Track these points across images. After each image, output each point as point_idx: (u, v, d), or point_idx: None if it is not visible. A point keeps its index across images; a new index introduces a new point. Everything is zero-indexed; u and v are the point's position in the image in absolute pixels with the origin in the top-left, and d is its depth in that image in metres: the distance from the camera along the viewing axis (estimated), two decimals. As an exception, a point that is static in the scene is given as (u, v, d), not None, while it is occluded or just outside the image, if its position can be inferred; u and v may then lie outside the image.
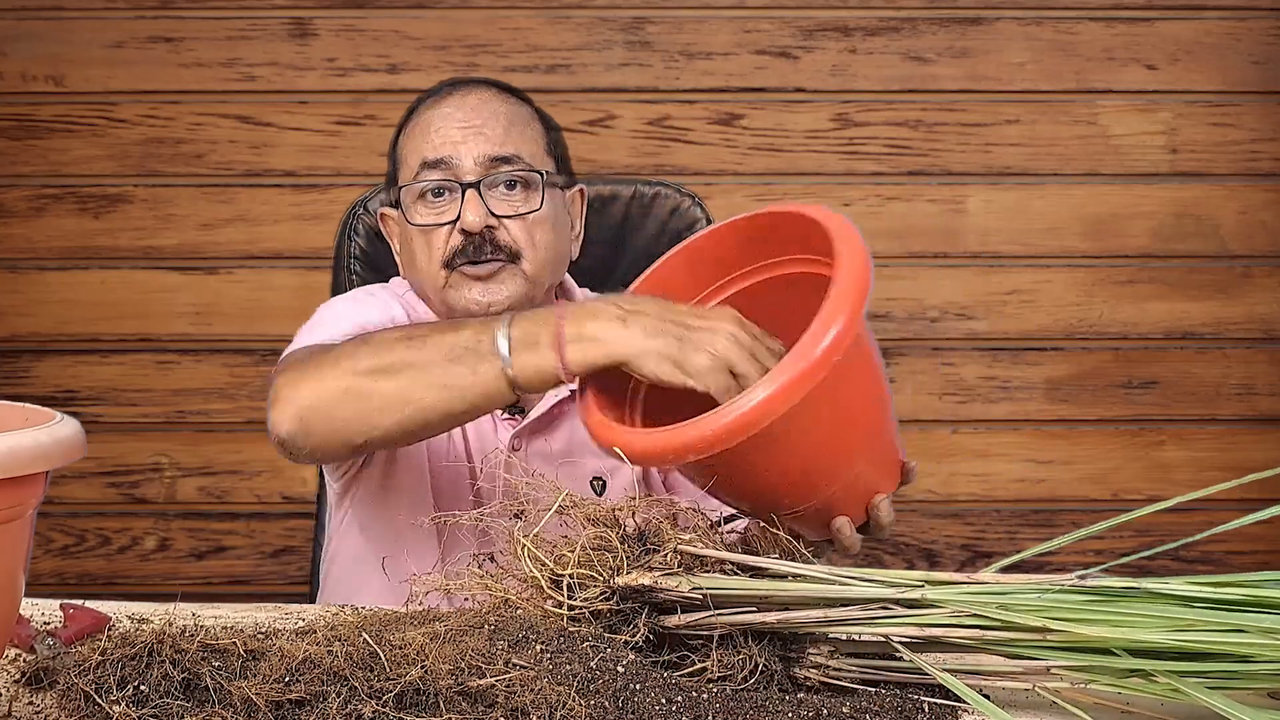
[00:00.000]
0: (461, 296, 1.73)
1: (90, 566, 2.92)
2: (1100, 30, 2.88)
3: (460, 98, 1.78)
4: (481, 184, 1.72)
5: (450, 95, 1.79)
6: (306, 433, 1.49)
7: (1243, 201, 2.90)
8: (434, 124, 1.76)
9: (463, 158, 1.73)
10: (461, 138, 1.74)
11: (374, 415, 1.46)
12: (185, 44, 2.88)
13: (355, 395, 1.46)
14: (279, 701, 1.05)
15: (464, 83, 1.82)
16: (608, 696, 1.09)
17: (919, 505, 2.93)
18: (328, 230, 2.83)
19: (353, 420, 1.47)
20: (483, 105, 1.77)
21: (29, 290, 2.90)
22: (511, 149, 1.74)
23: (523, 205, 1.74)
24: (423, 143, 1.75)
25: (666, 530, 1.24)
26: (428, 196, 1.75)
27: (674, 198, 2.11)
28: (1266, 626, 1.14)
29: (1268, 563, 2.87)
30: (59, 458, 1.07)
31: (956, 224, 2.90)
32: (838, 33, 2.89)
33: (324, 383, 1.48)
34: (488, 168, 1.73)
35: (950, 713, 1.17)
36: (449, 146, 1.73)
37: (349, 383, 1.46)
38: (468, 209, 1.71)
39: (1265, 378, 2.92)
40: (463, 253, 1.72)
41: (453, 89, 1.80)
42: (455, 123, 1.75)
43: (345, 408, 1.47)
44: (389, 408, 1.45)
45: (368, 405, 1.46)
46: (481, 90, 1.79)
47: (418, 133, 1.77)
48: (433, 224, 1.73)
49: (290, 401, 1.49)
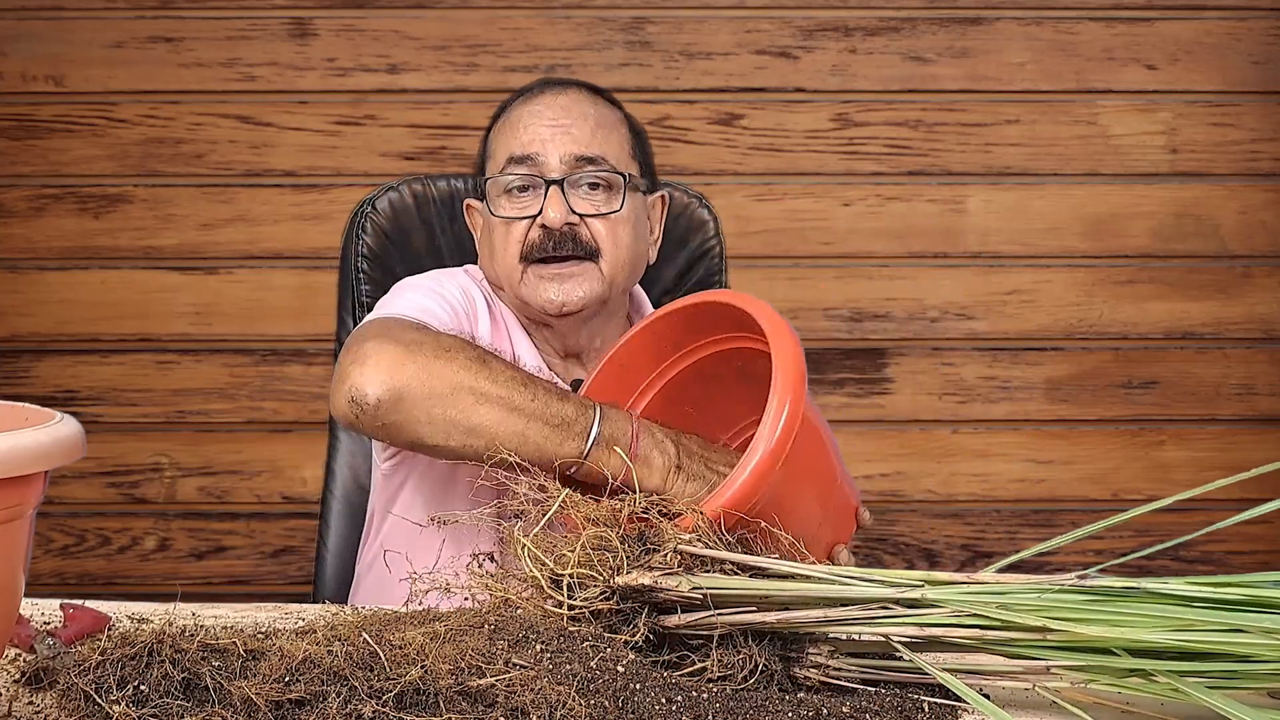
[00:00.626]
0: (536, 294, 1.76)
1: (90, 566, 2.92)
2: (1100, 30, 2.88)
3: (552, 97, 1.80)
4: (565, 181, 1.75)
5: (543, 94, 1.81)
6: (394, 407, 1.51)
7: (1243, 201, 2.90)
8: (524, 121, 1.78)
9: (549, 155, 1.76)
10: (549, 135, 1.76)
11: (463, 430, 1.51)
12: (185, 44, 2.88)
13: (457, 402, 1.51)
14: (279, 701, 1.05)
15: (557, 82, 1.85)
16: (608, 696, 1.09)
17: (919, 505, 2.93)
18: (328, 230, 2.84)
19: (439, 422, 1.51)
20: (573, 105, 1.79)
21: (29, 290, 2.90)
22: (597, 150, 1.77)
23: (604, 205, 1.77)
24: (511, 138, 1.78)
25: (666, 530, 1.25)
26: (513, 191, 1.77)
27: (681, 199, 2.10)
28: (1266, 626, 1.14)
29: (1267, 562, 2.88)
30: (59, 458, 1.07)
31: (956, 224, 2.90)
32: (838, 33, 2.89)
33: (433, 375, 1.52)
34: (573, 166, 1.76)
35: (950, 712, 1.17)
36: (537, 144, 1.76)
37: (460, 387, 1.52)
38: (550, 205, 1.73)
39: (1265, 378, 2.92)
40: (541, 247, 1.74)
41: (546, 87, 1.83)
42: (545, 120, 1.77)
43: (446, 407, 1.51)
44: (478, 430, 1.51)
45: (465, 418, 1.51)
46: (573, 91, 1.82)
47: (508, 128, 1.80)
48: (515, 216, 1.76)
49: (389, 370, 1.51)
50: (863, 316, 2.91)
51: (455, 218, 2.09)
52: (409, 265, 2.03)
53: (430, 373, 1.52)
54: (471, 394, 1.51)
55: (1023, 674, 1.19)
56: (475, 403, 1.51)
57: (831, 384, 2.90)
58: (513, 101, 1.85)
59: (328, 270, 2.12)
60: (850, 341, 2.91)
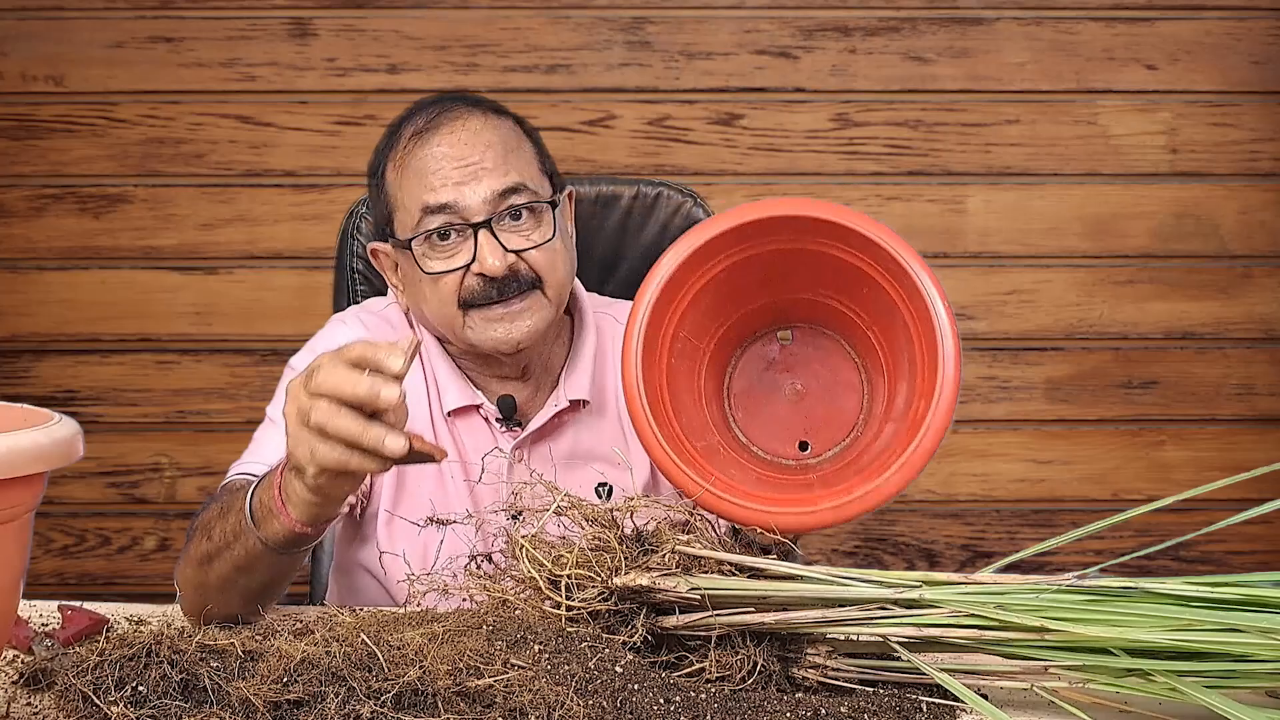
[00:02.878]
0: (486, 336, 1.69)
1: (90, 566, 2.93)
2: (1100, 30, 2.88)
3: (448, 132, 1.69)
4: (492, 222, 1.66)
5: (437, 129, 1.69)
6: (206, 619, 1.43)
7: (1243, 201, 2.90)
8: (429, 166, 1.68)
9: (468, 199, 1.66)
10: (461, 178, 1.66)
11: (220, 598, 1.47)
12: (185, 44, 2.88)
13: (191, 600, 1.49)
14: (277, 702, 1.05)
15: (446, 110, 1.71)
16: (606, 697, 1.09)
17: (919, 505, 2.93)
18: (328, 230, 2.83)
19: (216, 605, 1.47)
20: (474, 137, 1.69)
21: (29, 290, 2.90)
22: (515, 178, 1.68)
23: (535, 234, 1.69)
24: (420, 188, 1.67)
25: (664, 531, 1.25)
26: (434, 238, 1.68)
27: (676, 198, 2.10)
28: (1264, 626, 1.14)
29: (1266, 562, 2.88)
30: (57, 458, 1.07)
31: (956, 224, 2.90)
32: (838, 33, 2.88)
33: (185, 581, 1.51)
34: (495, 204, 1.67)
35: (948, 712, 1.17)
36: (450, 190, 1.66)
37: (194, 578, 1.48)
38: (486, 252, 1.65)
39: (1265, 378, 2.92)
40: (484, 294, 1.67)
41: (436, 119, 1.70)
42: (452, 162, 1.67)
43: (204, 599, 1.47)
44: (226, 588, 1.46)
45: (202, 600, 1.47)
46: (467, 117, 1.70)
47: (412, 177, 1.69)
48: (447, 270, 1.67)
49: (182, 599, 1.52)
50: (863, 316, 2.91)
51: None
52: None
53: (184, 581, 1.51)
54: (189, 583, 1.49)
55: (1021, 674, 1.19)
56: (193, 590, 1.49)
57: (831, 384, 2.90)
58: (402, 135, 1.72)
59: (328, 270, 2.12)
60: (850, 341, 2.91)
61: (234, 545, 1.43)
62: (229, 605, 1.47)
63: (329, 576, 1.94)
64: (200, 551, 1.48)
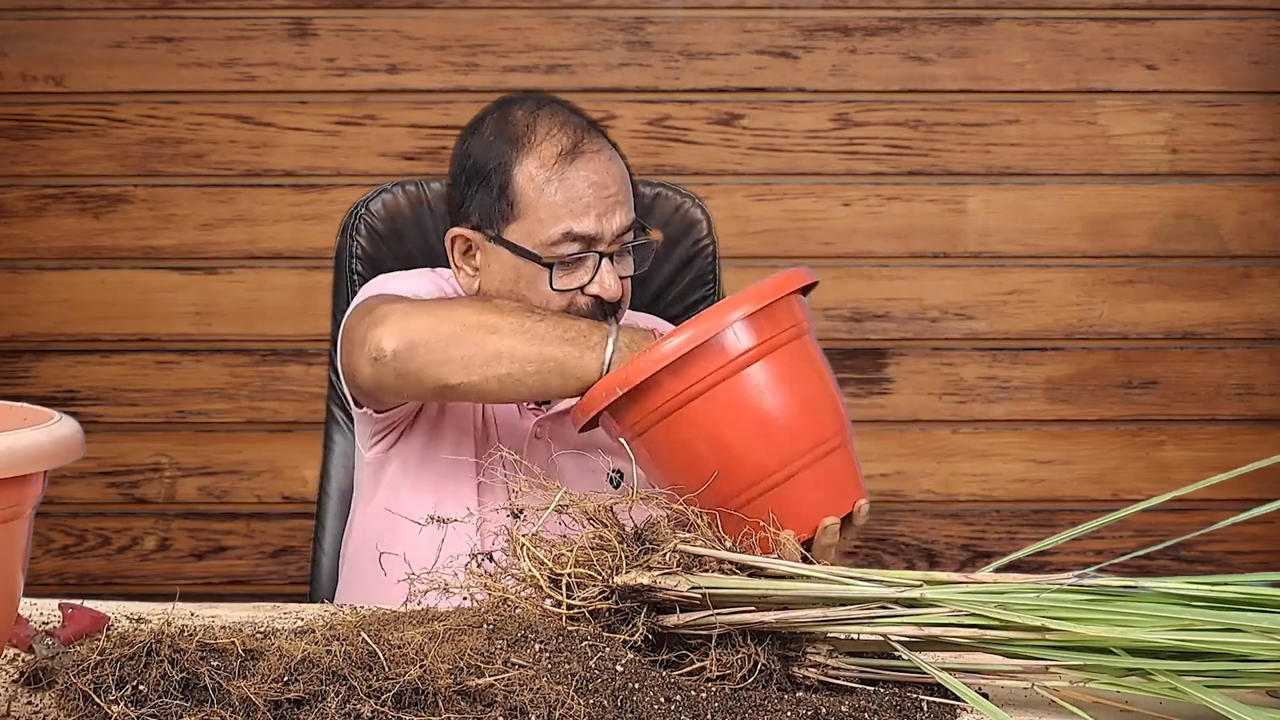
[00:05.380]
0: None
1: (90, 566, 2.92)
2: (1100, 30, 2.88)
3: (591, 157, 1.80)
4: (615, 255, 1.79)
5: (581, 154, 1.80)
6: (410, 355, 1.60)
7: (1243, 201, 2.90)
8: (577, 191, 1.78)
9: (605, 231, 1.78)
10: (603, 208, 1.78)
11: (480, 361, 1.59)
12: (185, 44, 2.88)
13: (469, 338, 1.60)
14: (278, 701, 1.05)
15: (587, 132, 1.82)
16: (606, 695, 1.09)
17: (919, 505, 2.93)
18: (328, 230, 2.83)
19: (458, 358, 1.59)
20: (612, 167, 1.81)
21: (29, 290, 2.90)
22: (632, 214, 1.82)
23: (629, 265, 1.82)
24: (566, 210, 1.77)
25: (665, 529, 1.25)
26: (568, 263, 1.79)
27: (674, 199, 2.10)
28: (1264, 626, 1.14)
29: (1267, 562, 2.88)
30: (57, 458, 1.07)
31: (956, 224, 2.90)
32: (838, 33, 2.88)
33: (442, 319, 1.62)
34: (621, 236, 1.80)
35: (949, 712, 1.17)
36: (595, 221, 1.77)
37: (469, 324, 1.61)
38: (608, 278, 1.77)
39: (1265, 378, 2.91)
40: (589, 313, 1.77)
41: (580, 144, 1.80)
42: (597, 190, 1.78)
43: (457, 345, 1.60)
44: (496, 359, 1.59)
45: (480, 350, 1.59)
46: (601, 146, 1.82)
47: (560, 195, 1.78)
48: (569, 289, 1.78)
49: (402, 324, 1.62)
50: (863, 316, 2.91)
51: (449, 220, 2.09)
52: (403, 266, 2.02)
53: (439, 318, 1.62)
54: (482, 328, 1.60)
55: (1021, 673, 1.19)
56: (488, 334, 1.60)
57: (831, 384, 2.90)
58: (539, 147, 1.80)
59: (328, 270, 2.12)
60: (850, 341, 2.91)
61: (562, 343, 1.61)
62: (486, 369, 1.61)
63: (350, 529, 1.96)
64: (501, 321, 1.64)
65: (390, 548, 1.58)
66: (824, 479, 1.57)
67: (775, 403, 1.54)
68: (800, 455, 1.54)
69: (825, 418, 1.58)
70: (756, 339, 1.53)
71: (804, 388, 1.57)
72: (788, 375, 1.55)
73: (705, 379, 1.51)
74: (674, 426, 1.51)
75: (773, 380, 1.54)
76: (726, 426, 1.51)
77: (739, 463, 1.51)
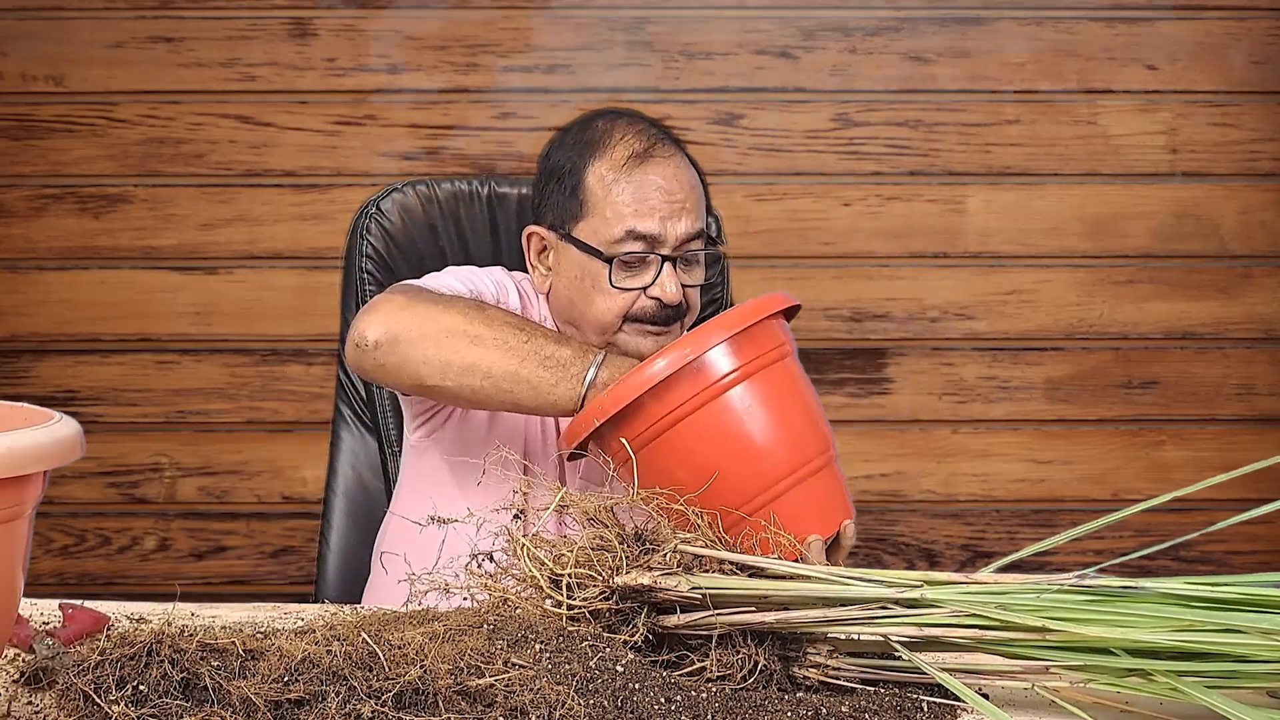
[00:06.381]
0: (631, 344, 1.83)
1: (90, 566, 2.92)
2: (1100, 30, 2.88)
3: (661, 162, 1.83)
4: (679, 259, 1.82)
5: (653, 157, 1.83)
6: (391, 349, 1.64)
7: (1243, 201, 2.90)
8: (645, 193, 1.81)
9: (668, 234, 1.81)
10: (669, 212, 1.81)
11: (455, 369, 1.63)
12: (185, 44, 2.88)
13: (451, 344, 1.63)
14: (278, 701, 1.05)
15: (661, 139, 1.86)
16: (607, 696, 1.10)
17: (919, 505, 2.93)
18: (328, 230, 2.84)
19: (435, 361, 1.63)
20: (682, 174, 1.84)
21: (29, 290, 2.90)
22: (700, 223, 1.84)
23: (696, 274, 1.86)
24: (631, 210, 1.81)
25: (666, 530, 1.25)
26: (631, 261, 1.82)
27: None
28: (1264, 627, 1.14)
29: (1267, 562, 2.88)
30: (58, 458, 1.07)
31: (956, 224, 2.90)
32: (838, 33, 2.89)
33: (428, 319, 1.64)
34: (684, 242, 1.82)
35: (949, 712, 1.17)
36: (659, 223, 1.80)
37: (452, 330, 1.63)
38: (669, 282, 1.80)
39: (1265, 378, 2.92)
40: (653, 319, 1.81)
41: (652, 147, 1.83)
42: (664, 194, 1.81)
43: (437, 348, 1.63)
44: (472, 371, 1.62)
45: (455, 358, 1.63)
46: (674, 152, 1.86)
47: (627, 194, 1.81)
48: (631, 288, 1.81)
49: (389, 316, 1.65)
50: (863, 316, 2.91)
51: (460, 220, 2.09)
52: (413, 266, 2.03)
53: (426, 317, 1.64)
54: (466, 336, 1.63)
55: (1022, 674, 1.19)
56: (470, 343, 1.63)
57: (831, 384, 2.90)
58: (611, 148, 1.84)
59: (328, 270, 2.12)
60: (850, 341, 2.91)
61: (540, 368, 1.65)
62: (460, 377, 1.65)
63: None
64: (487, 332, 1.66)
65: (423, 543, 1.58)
66: (809, 500, 1.59)
67: (758, 425, 1.56)
68: (784, 477, 1.56)
69: (808, 439, 1.60)
70: (738, 362, 1.55)
71: (787, 410, 1.59)
72: (770, 398, 1.57)
73: (687, 403, 1.53)
74: (658, 452, 1.53)
75: (755, 403, 1.56)
76: (710, 450, 1.53)
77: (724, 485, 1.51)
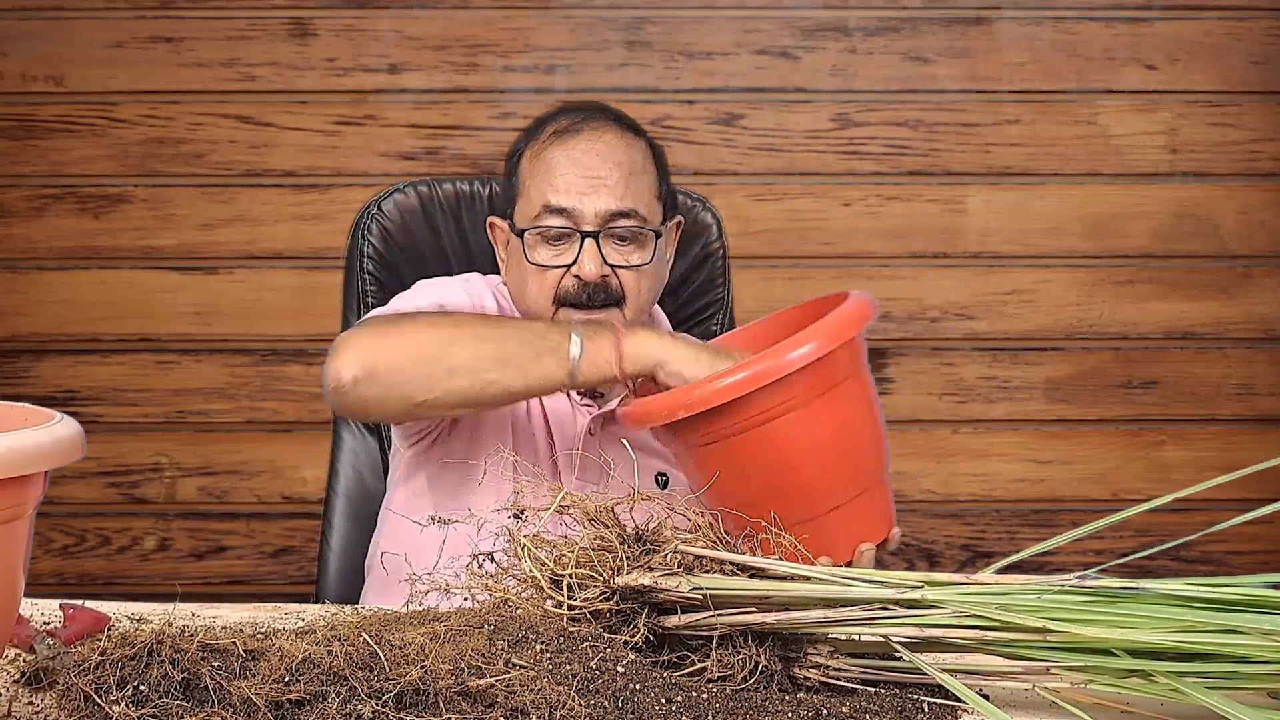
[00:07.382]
0: None
1: (90, 566, 2.92)
2: (1100, 30, 2.88)
3: (585, 140, 1.83)
4: (600, 235, 1.80)
5: (577, 134, 1.84)
6: (371, 381, 1.63)
7: (1243, 201, 2.90)
8: (560, 167, 1.82)
9: (585, 209, 1.80)
10: (586, 188, 1.81)
11: (440, 376, 1.62)
12: (185, 44, 2.88)
13: (427, 354, 1.62)
14: (278, 701, 1.05)
15: (590, 119, 1.86)
16: (607, 696, 1.10)
17: (919, 505, 2.93)
18: (328, 230, 2.84)
19: (419, 376, 1.62)
20: (607, 152, 1.83)
21: (29, 290, 2.90)
22: (629, 203, 1.82)
23: (634, 256, 1.83)
24: (547, 185, 1.82)
25: (666, 530, 1.25)
26: (547, 235, 1.82)
27: (684, 202, 2.10)
28: (1265, 628, 1.14)
29: (1267, 563, 2.88)
30: (58, 458, 1.07)
31: (956, 224, 2.90)
32: (838, 33, 2.89)
33: (398, 338, 1.65)
34: (607, 220, 1.81)
35: (950, 713, 1.17)
36: (573, 197, 1.80)
37: (422, 341, 1.63)
38: (587, 259, 1.79)
39: (1265, 378, 2.92)
40: (575, 296, 1.80)
41: (579, 125, 1.84)
42: (580, 170, 1.81)
43: (415, 363, 1.62)
44: (456, 372, 1.62)
45: (436, 365, 1.62)
46: (605, 131, 1.85)
47: (544, 170, 1.83)
48: (550, 265, 1.82)
49: (359, 351, 1.65)
50: (863, 316, 2.90)
51: (461, 220, 2.09)
52: (414, 267, 2.03)
53: (394, 340, 1.65)
54: (439, 343, 1.63)
55: (1022, 674, 1.19)
56: (445, 347, 1.63)
57: (831, 384, 2.90)
58: (543, 131, 1.86)
59: (328, 270, 2.12)
60: (850, 341, 2.91)
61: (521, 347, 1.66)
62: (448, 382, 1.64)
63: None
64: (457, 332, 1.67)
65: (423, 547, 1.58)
66: (865, 510, 1.59)
67: (831, 439, 1.56)
68: (847, 489, 1.57)
69: (872, 454, 1.60)
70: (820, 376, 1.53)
71: (858, 425, 1.59)
72: (845, 413, 1.57)
73: (767, 411, 1.52)
74: (731, 449, 1.53)
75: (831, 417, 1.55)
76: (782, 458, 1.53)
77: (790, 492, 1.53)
